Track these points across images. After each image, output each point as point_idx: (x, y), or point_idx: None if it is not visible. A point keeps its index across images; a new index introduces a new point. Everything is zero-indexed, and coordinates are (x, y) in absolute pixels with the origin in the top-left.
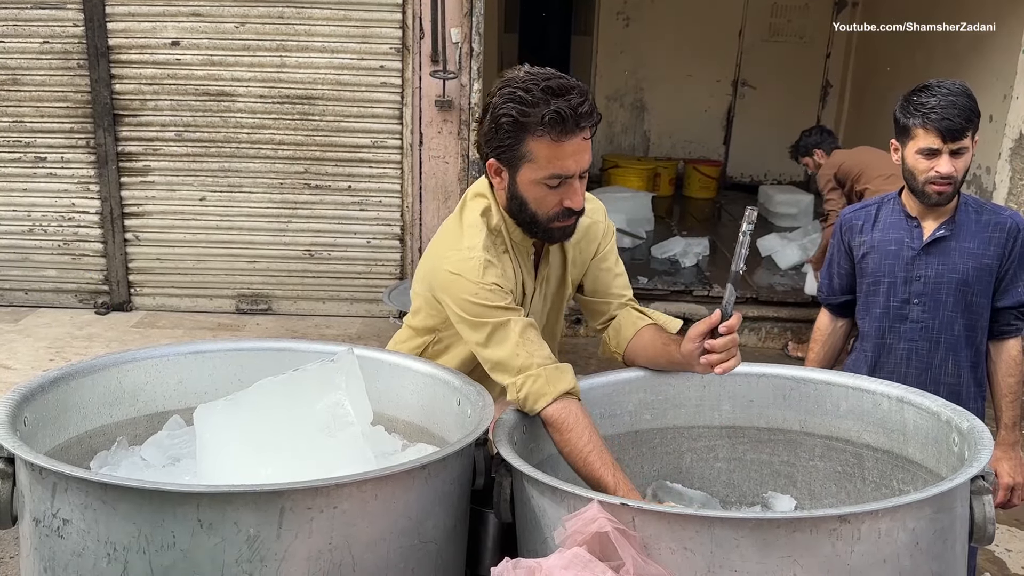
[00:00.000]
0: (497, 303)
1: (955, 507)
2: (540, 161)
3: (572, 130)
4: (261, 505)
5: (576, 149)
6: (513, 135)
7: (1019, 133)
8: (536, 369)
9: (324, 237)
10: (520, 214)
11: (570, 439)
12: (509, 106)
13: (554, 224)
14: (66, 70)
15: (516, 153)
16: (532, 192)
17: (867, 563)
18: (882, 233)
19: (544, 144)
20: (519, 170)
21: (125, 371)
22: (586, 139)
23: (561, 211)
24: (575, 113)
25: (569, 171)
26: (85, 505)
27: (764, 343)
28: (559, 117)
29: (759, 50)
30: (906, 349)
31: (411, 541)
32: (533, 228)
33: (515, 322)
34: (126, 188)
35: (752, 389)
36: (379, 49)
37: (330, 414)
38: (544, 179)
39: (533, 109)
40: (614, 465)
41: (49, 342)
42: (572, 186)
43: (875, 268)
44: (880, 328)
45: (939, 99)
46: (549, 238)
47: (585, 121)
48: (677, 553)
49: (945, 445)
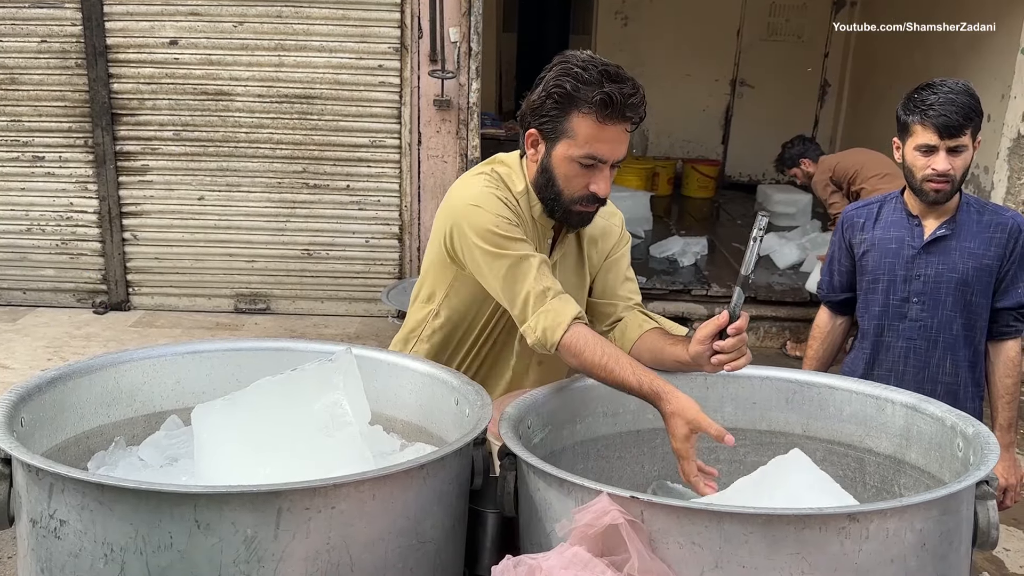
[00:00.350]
0: (516, 235)
1: (961, 510)
2: (580, 139)
3: (617, 116)
4: (259, 505)
5: (616, 136)
6: (561, 107)
7: (1017, 133)
8: (544, 305)
9: (322, 236)
10: (546, 189)
11: (587, 357)
12: (564, 79)
13: (576, 207)
14: (64, 69)
15: (559, 126)
16: (564, 168)
17: (875, 562)
18: (883, 231)
19: (588, 123)
20: (557, 144)
21: (122, 371)
22: (627, 131)
23: (586, 195)
24: (625, 101)
25: (604, 156)
26: (82, 506)
27: (762, 342)
28: (609, 99)
29: (757, 49)
30: (904, 347)
31: (409, 541)
32: (555, 206)
33: (534, 258)
34: (124, 187)
35: (755, 392)
36: (377, 48)
37: (328, 414)
38: (579, 157)
39: (586, 87)
40: (632, 365)
41: (47, 342)
42: (603, 172)
43: (875, 266)
44: (879, 326)
45: (939, 96)
46: (567, 220)
47: (632, 112)
48: (685, 547)
49: (949, 450)
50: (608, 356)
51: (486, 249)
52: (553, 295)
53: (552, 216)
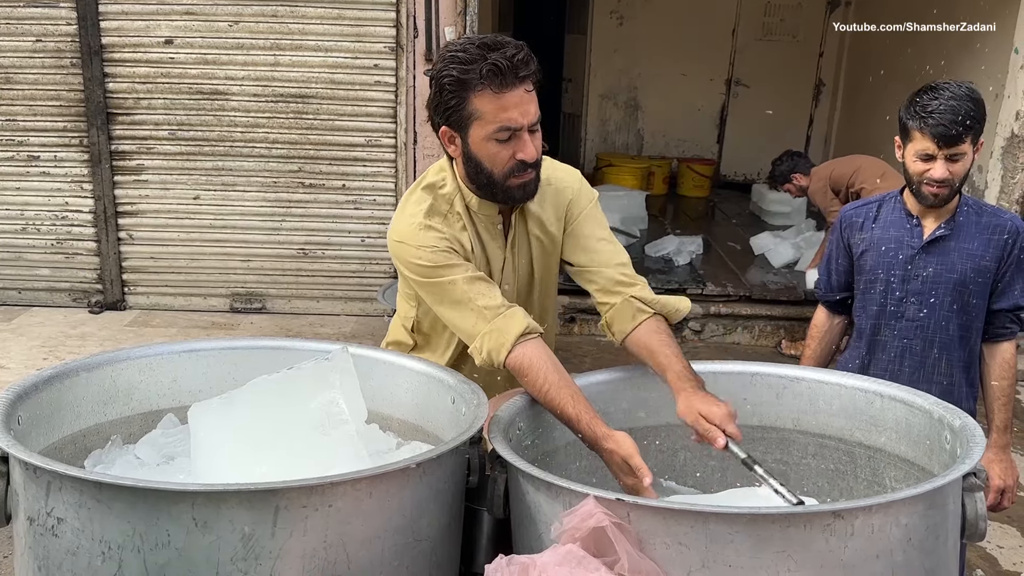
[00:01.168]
0: (439, 263)
1: (947, 503)
2: (486, 116)
3: (512, 81)
4: (256, 503)
5: (519, 100)
6: (456, 95)
7: (1011, 132)
8: (487, 326)
9: (318, 236)
10: (478, 177)
11: (530, 381)
12: (449, 68)
13: (511, 181)
14: (59, 68)
15: (463, 113)
16: (485, 150)
17: (860, 558)
18: (882, 231)
19: (487, 98)
20: (469, 130)
21: (119, 370)
22: (528, 91)
23: (515, 164)
24: (512, 63)
25: (516, 122)
26: (79, 504)
27: (757, 341)
28: (497, 69)
29: (752, 49)
30: (900, 347)
31: (406, 539)
32: (492, 189)
33: (460, 280)
34: (120, 187)
35: (746, 388)
36: (373, 48)
37: (324, 412)
38: (493, 134)
39: (472, 65)
40: (574, 397)
41: (42, 341)
42: (522, 138)
43: (873, 265)
44: (875, 325)
45: (940, 103)
46: (510, 197)
47: (523, 70)
48: (672, 548)
49: (937, 443)
50: (550, 384)
51: (420, 281)
52: (494, 314)
53: (495, 200)
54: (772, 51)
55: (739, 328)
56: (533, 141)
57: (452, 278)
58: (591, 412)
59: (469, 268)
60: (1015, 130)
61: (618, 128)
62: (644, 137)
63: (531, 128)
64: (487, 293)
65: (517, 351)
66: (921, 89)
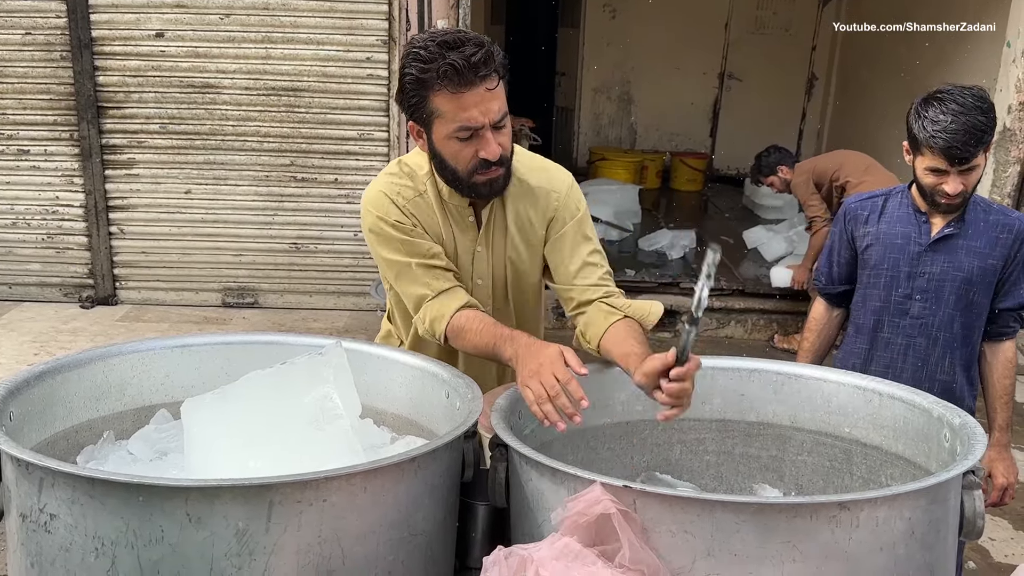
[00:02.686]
0: (400, 235)
1: (949, 499)
2: (447, 116)
3: (471, 80)
4: (250, 499)
5: (479, 100)
6: (417, 93)
7: (1003, 126)
8: (430, 300)
9: (311, 230)
10: (443, 172)
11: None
12: (411, 66)
13: (476, 178)
14: (49, 62)
15: (424, 111)
16: (447, 148)
17: (864, 550)
18: (888, 225)
19: (445, 98)
20: (432, 128)
21: (111, 365)
22: (490, 89)
23: (478, 163)
24: (469, 63)
25: (476, 122)
26: (72, 500)
27: (750, 335)
28: (454, 69)
29: (745, 43)
30: (903, 344)
31: (401, 533)
32: (458, 185)
33: (417, 263)
34: (110, 181)
35: (743, 384)
36: (365, 41)
37: (318, 407)
38: (454, 133)
39: (430, 64)
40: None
41: (33, 336)
42: (484, 137)
43: (878, 260)
44: (878, 321)
45: (950, 119)
46: (477, 193)
47: (483, 70)
48: (677, 536)
49: (936, 441)
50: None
51: (376, 250)
52: (437, 293)
53: (463, 194)
54: (765, 45)
55: (732, 322)
56: (497, 138)
57: (408, 260)
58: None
59: (427, 246)
60: (1007, 124)
61: (611, 122)
62: (637, 131)
63: (496, 125)
64: (438, 278)
65: (456, 316)
66: (928, 97)
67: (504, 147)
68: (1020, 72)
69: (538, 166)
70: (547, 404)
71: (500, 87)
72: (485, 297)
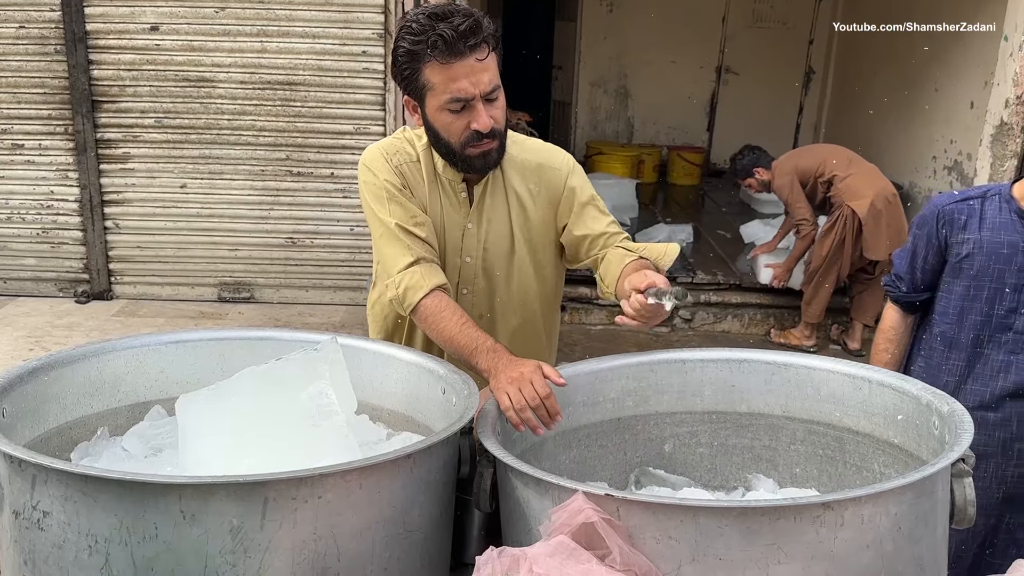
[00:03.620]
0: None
1: (936, 491)
2: (438, 87)
3: (460, 51)
4: (244, 496)
5: (469, 71)
6: (409, 66)
7: (1000, 120)
8: (409, 267)
9: (307, 224)
10: (437, 145)
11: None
12: (403, 39)
13: (468, 151)
14: (43, 55)
15: (417, 84)
16: (440, 120)
17: (850, 549)
18: (991, 232)
19: (436, 69)
20: (425, 101)
21: (105, 361)
22: (480, 59)
23: (471, 134)
24: (457, 33)
25: (467, 93)
26: (65, 497)
27: (747, 329)
28: (443, 40)
29: (742, 36)
30: (1004, 361)
31: (396, 530)
32: (452, 158)
33: (396, 224)
34: (105, 175)
35: (734, 375)
36: (361, 34)
37: (314, 403)
38: (445, 104)
39: (420, 36)
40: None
41: (28, 331)
42: (475, 108)
43: (980, 271)
44: (977, 337)
45: None
46: (471, 167)
47: (471, 39)
48: (662, 542)
49: (926, 428)
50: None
51: (367, 204)
52: (416, 261)
53: (457, 168)
54: (762, 39)
55: (729, 316)
56: (489, 110)
57: (396, 223)
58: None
59: (413, 212)
60: (1004, 118)
61: (608, 116)
62: (634, 125)
63: (488, 97)
64: (421, 246)
65: (434, 296)
66: None
67: (496, 120)
68: (1018, 66)
69: (537, 147)
70: (526, 411)
71: (491, 59)
72: (472, 276)
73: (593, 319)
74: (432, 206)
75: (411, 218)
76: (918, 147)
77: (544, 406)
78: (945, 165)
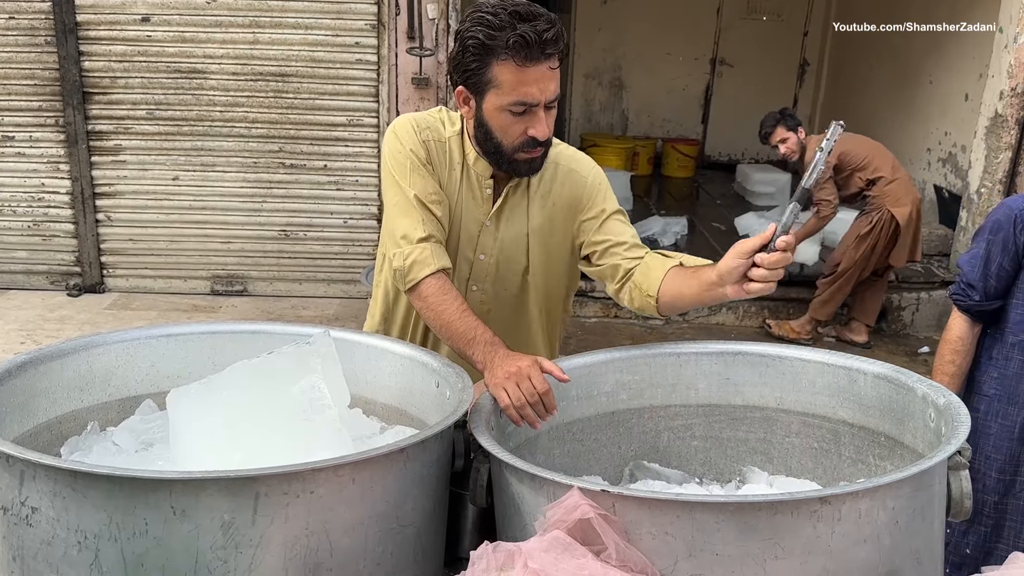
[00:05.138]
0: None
1: (933, 484)
2: (505, 87)
3: (537, 56)
4: (235, 491)
5: (541, 76)
6: (479, 59)
7: (994, 112)
8: (420, 241)
9: (300, 217)
10: (486, 143)
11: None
12: (476, 29)
13: (519, 155)
14: (33, 47)
15: (482, 78)
16: (497, 120)
17: (848, 543)
18: None
19: (509, 69)
20: (485, 96)
21: (95, 355)
22: (552, 68)
23: (526, 140)
24: (540, 39)
25: (534, 98)
26: (54, 493)
27: (742, 321)
28: (524, 41)
29: (737, 28)
30: None
31: (389, 525)
32: (498, 159)
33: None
34: (97, 168)
35: (728, 367)
36: (354, 25)
37: (306, 397)
38: (509, 105)
39: (499, 32)
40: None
41: (20, 325)
42: (537, 115)
43: None
44: None
45: None
46: (515, 170)
47: (551, 48)
48: (658, 538)
49: (922, 421)
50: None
51: (388, 171)
52: (428, 237)
53: (499, 168)
54: (757, 30)
55: (723, 308)
56: (548, 119)
57: (416, 195)
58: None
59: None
60: (998, 110)
61: (603, 108)
62: (629, 117)
63: (548, 105)
64: (436, 227)
65: (439, 277)
66: None
67: (551, 129)
68: (1012, 58)
69: (568, 153)
70: (525, 408)
71: (559, 67)
72: (483, 274)
73: (588, 312)
74: (452, 194)
75: (431, 194)
76: (913, 139)
77: (543, 402)
78: (940, 157)
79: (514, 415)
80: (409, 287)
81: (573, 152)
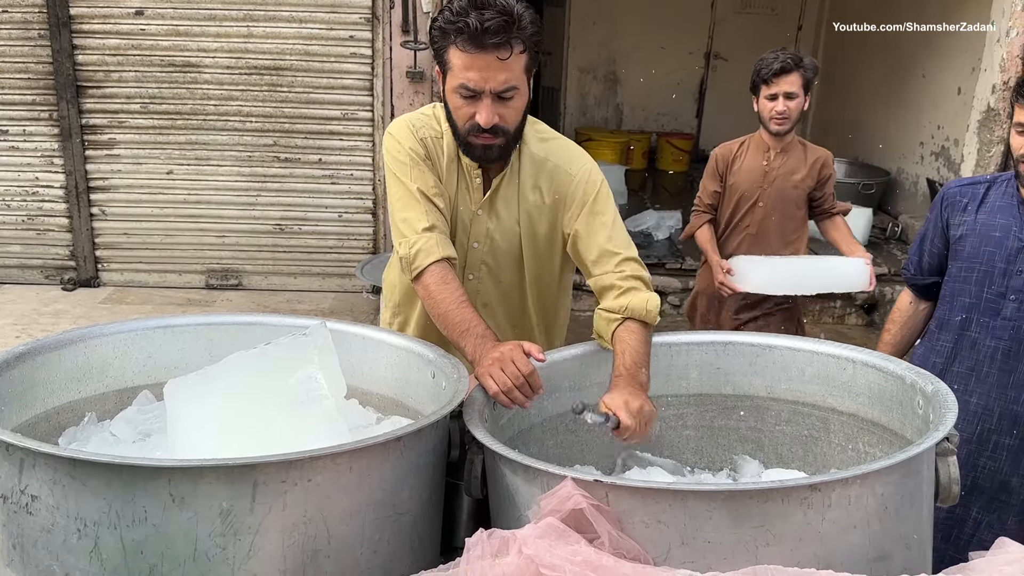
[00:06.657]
0: (411, 165)
1: (922, 470)
2: (455, 70)
3: (481, 45)
4: (234, 479)
5: (486, 65)
6: (440, 42)
7: (987, 105)
8: (427, 231)
9: (295, 211)
10: (449, 121)
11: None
12: (441, 14)
13: (470, 138)
14: (26, 40)
15: (443, 59)
16: (452, 100)
17: (838, 529)
18: (987, 216)
19: (457, 54)
20: (446, 77)
21: (92, 346)
22: (502, 59)
23: (473, 124)
24: (482, 27)
25: (476, 85)
26: (54, 481)
27: None
28: (466, 28)
29: (731, 22)
30: (992, 347)
31: (386, 513)
32: (456, 138)
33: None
34: (91, 162)
35: (719, 357)
36: (348, 18)
37: (303, 388)
38: (456, 88)
39: (455, 18)
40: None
41: (15, 319)
42: (482, 102)
43: (971, 253)
44: (966, 320)
45: None
46: (469, 154)
47: (494, 38)
48: (651, 526)
49: (910, 408)
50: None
51: (391, 171)
52: (433, 226)
53: (460, 150)
54: (751, 24)
55: None
56: (497, 108)
57: (419, 188)
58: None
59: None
60: (991, 103)
61: (597, 102)
62: (623, 111)
63: (500, 94)
64: (439, 218)
65: (442, 265)
66: None
67: (504, 119)
68: (1004, 52)
69: (559, 148)
70: (513, 392)
71: (516, 59)
72: (478, 263)
73: (582, 305)
74: (449, 184)
75: (432, 187)
76: (905, 133)
77: (528, 383)
78: (932, 151)
79: (504, 400)
80: (414, 275)
81: (569, 149)
